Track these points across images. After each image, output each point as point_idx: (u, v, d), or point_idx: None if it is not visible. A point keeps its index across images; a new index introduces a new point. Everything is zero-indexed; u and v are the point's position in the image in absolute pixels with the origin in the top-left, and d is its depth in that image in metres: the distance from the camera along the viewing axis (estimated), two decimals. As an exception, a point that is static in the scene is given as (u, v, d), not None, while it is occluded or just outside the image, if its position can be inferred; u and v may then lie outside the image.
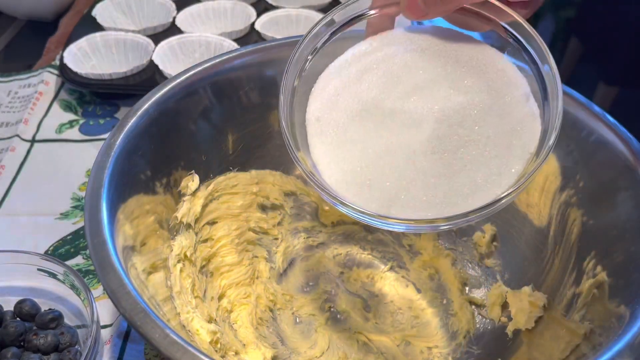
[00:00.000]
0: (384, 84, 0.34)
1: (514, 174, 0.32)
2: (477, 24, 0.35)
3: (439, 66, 0.35)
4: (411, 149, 0.33)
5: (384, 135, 0.33)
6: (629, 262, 0.38)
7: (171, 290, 0.41)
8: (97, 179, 0.38)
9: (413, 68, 0.35)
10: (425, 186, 0.32)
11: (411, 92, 0.34)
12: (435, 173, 0.32)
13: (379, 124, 0.34)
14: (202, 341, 0.40)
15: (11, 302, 0.45)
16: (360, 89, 0.35)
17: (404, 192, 0.32)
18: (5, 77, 0.74)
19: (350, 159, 0.34)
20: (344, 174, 0.33)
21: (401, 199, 0.32)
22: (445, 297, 0.51)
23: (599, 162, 0.43)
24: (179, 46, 0.72)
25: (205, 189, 0.48)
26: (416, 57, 0.35)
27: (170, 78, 0.46)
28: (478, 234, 0.51)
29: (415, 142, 0.33)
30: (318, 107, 0.36)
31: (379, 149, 0.33)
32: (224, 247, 0.50)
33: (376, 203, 0.32)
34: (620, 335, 0.33)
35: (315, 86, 0.36)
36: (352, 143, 0.34)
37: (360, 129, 0.34)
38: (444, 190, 0.32)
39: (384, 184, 0.32)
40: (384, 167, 0.33)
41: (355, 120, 0.34)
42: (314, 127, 0.35)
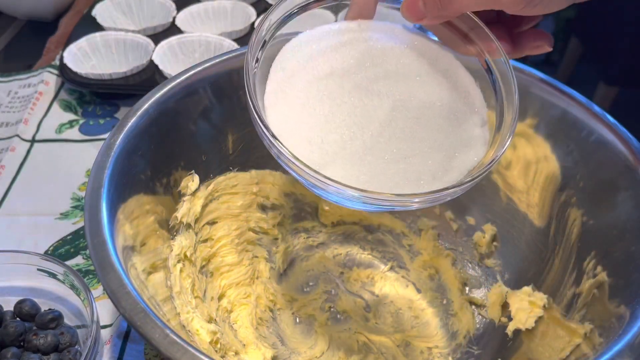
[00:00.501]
0: (358, 61, 0.35)
1: (445, 183, 0.33)
2: (461, 45, 0.36)
3: (415, 63, 0.35)
4: (361, 124, 0.33)
5: (340, 103, 0.34)
6: (629, 262, 0.38)
7: (171, 290, 0.41)
8: (97, 179, 0.38)
9: (390, 56, 0.35)
10: (361, 161, 0.32)
11: (381, 76, 0.34)
12: (375, 153, 0.33)
13: (340, 91, 0.34)
14: (202, 341, 0.40)
15: (11, 302, 0.45)
16: (335, 57, 0.35)
17: (341, 160, 0.32)
18: (5, 77, 0.74)
19: (300, 112, 0.34)
20: (289, 124, 0.33)
21: (335, 164, 0.32)
22: (446, 297, 0.51)
23: (599, 162, 0.43)
24: (179, 46, 0.72)
25: (205, 189, 0.48)
26: (396, 48, 0.36)
27: (170, 78, 0.46)
28: (478, 234, 0.51)
29: (368, 119, 0.33)
30: (287, 59, 0.35)
31: (331, 114, 0.33)
32: (224, 247, 0.50)
33: (311, 160, 0.32)
34: (621, 335, 0.33)
35: (291, 42, 0.36)
36: (307, 99, 0.34)
37: (321, 89, 0.34)
38: (377, 171, 0.32)
39: (324, 145, 0.33)
40: (330, 130, 0.33)
41: (320, 81, 0.34)
42: (277, 74, 0.35)
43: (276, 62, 0.35)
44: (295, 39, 0.36)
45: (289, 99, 0.34)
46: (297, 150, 0.32)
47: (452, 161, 0.33)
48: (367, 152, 0.33)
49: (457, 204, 0.53)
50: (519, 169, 0.48)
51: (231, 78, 0.47)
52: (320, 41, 0.36)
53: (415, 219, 0.54)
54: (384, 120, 0.33)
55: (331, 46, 0.36)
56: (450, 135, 0.34)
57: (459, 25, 0.35)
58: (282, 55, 0.36)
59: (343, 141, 0.33)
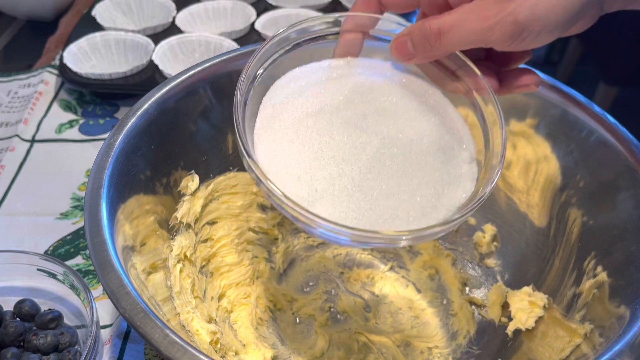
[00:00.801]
0: (347, 98, 0.35)
1: (434, 220, 0.33)
2: (449, 82, 0.36)
3: (404, 100, 0.36)
4: (350, 160, 0.33)
5: (329, 140, 0.34)
6: (629, 262, 0.38)
7: (171, 290, 0.41)
8: (97, 179, 0.38)
9: (379, 93, 0.36)
10: (349, 198, 0.33)
11: (370, 113, 0.35)
12: (364, 190, 0.33)
13: (329, 128, 0.34)
14: (202, 341, 0.40)
15: (11, 302, 0.45)
16: (324, 93, 0.35)
17: (329, 197, 0.33)
18: (5, 76, 0.74)
19: (289, 149, 0.34)
20: (279, 161, 0.34)
21: (324, 200, 0.33)
22: (446, 298, 0.51)
23: (599, 162, 0.43)
24: (179, 46, 0.72)
25: (205, 189, 0.48)
26: (385, 85, 0.36)
27: (170, 78, 0.46)
28: (478, 234, 0.51)
29: (356, 156, 0.34)
30: (277, 95, 0.36)
31: (320, 150, 0.34)
32: (223, 247, 0.50)
33: (300, 196, 0.32)
34: (621, 335, 0.33)
35: (281, 79, 0.37)
36: (296, 135, 0.34)
37: (310, 126, 0.34)
38: (365, 208, 0.33)
39: (313, 182, 0.33)
40: (319, 167, 0.33)
41: (309, 117, 0.35)
42: (268, 111, 0.35)
43: (266, 98, 0.36)
44: (285, 75, 0.37)
45: (278, 135, 0.34)
46: (286, 187, 0.32)
47: (441, 198, 0.34)
48: (356, 188, 0.33)
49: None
50: (519, 169, 0.48)
51: (231, 78, 0.47)
52: (310, 78, 0.36)
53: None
54: (372, 157, 0.33)
55: (321, 83, 0.36)
56: (439, 172, 0.34)
57: (447, 64, 0.36)
58: (272, 91, 0.36)
59: (332, 178, 0.33)
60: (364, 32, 0.36)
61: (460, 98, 0.37)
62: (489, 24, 0.30)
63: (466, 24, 0.31)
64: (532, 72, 0.35)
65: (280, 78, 0.36)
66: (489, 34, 0.31)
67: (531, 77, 0.35)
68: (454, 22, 0.31)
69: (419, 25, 0.33)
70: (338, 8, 0.83)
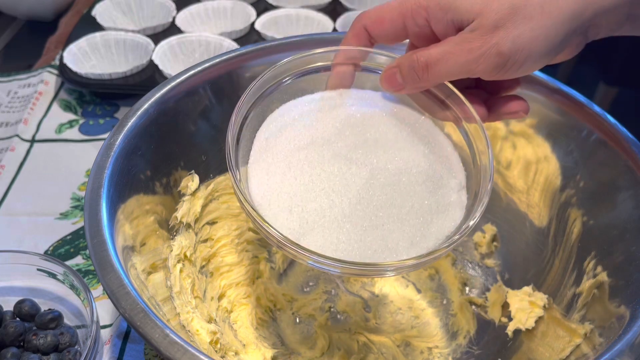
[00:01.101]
0: (338, 130, 0.36)
1: (423, 249, 0.33)
2: (438, 110, 0.37)
3: (394, 130, 0.36)
4: (340, 192, 0.34)
5: (320, 172, 0.35)
6: (629, 262, 0.38)
7: (171, 290, 0.41)
8: (96, 179, 0.38)
9: (369, 124, 0.36)
10: (339, 229, 0.33)
11: (360, 144, 0.35)
12: (353, 221, 0.34)
13: (320, 160, 0.35)
14: (202, 341, 0.40)
15: (11, 302, 0.45)
16: (316, 126, 0.36)
17: (320, 228, 0.33)
18: (5, 76, 0.74)
19: (281, 182, 0.35)
20: (271, 194, 0.34)
21: (315, 232, 0.33)
22: (446, 298, 0.51)
23: (599, 162, 0.43)
24: (179, 46, 0.72)
25: (205, 189, 0.48)
26: (375, 116, 0.37)
27: (170, 78, 0.46)
28: (478, 234, 0.51)
29: (346, 187, 0.34)
30: (271, 129, 0.37)
31: (311, 182, 0.34)
32: (223, 247, 0.50)
33: (291, 229, 0.33)
34: (621, 335, 0.33)
35: (274, 112, 0.38)
36: (288, 168, 0.35)
37: (302, 158, 0.35)
38: (355, 238, 0.33)
39: (304, 214, 0.34)
40: (310, 199, 0.34)
41: (301, 150, 0.35)
42: (261, 144, 0.36)
43: (260, 132, 0.37)
44: (279, 109, 0.37)
45: (272, 169, 0.35)
46: (278, 219, 0.33)
47: (430, 227, 0.34)
48: (346, 219, 0.33)
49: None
50: (519, 169, 0.48)
51: (231, 78, 0.47)
52: (303, 110, 0.37)
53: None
54: (361, 188, 0.34)
55: (313, 115, 0.37)
56: (427, 201, 0.35)
57: (437, 92, 0.37)
58: (266, 125, 0.37)
59: (322, 209, 0.34)
60: (355, 64, 0.38)
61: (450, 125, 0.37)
62: (474, 56, 0.31)
63: (452, 57, 0.32)
64: (521, 99, 0.36)
65: (274, 112, 0.37)
66: (474, 66, 0.32)
67: (519, 104, 0.36)
68: (441, 55, 0.32)
69: (407, 57, 0.34)
70: (338, 8, 0.83)
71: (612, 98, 1.35)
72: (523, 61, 0.31)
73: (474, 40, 0.31)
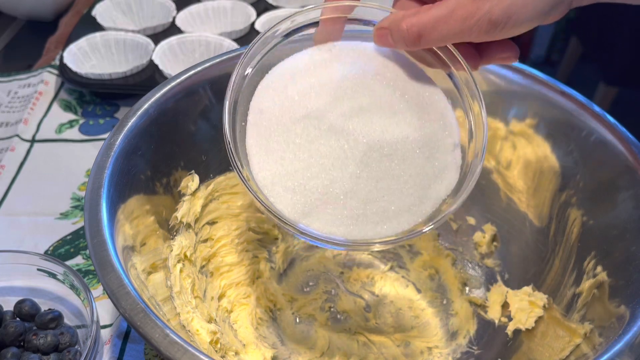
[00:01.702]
0: (333, 98, 0.35)
1: (423, 214, 0.35)
2: (431, 61, 0.37)
3: (386, 94, 0.36)
4: (339, 167, 0.34)
5: (318, 146, 0.35)
6: (629, 262, 0.38)
7: (171, 290, 0.41)
8: (97, 179, 0.38)
9: (362, 90, 0.36)
10: (343, 204, 0.34)
11: (354, 113, 0.35)
12: (355, 195, 0.34)
13: (317, 134, 0.35)
14: (202, 341, 0.40)
15: (11, 302, 0.45)
16: (310, 93, 0.36)
17: (323, 205, 0.34)
18: (5, 76, 0.74)
19: (282, 161, 0.35)
20: (273, 174, 0.35)
21: (319, 210, 0.34)
22: (446, 297, 0.51)
23: (599, 162, 0.43)
24: (179, 46, 0.72)
25: (205, 189, 0.48)
26: (368, 80, 0.36)
27: (170, 78, 0.46)
28: (478, 234, 0.51)
29: (345, 162, 0.34)
30: (264, 100, 0.36)
31: (310, 158, 0.35)
32: (224, 247, 0.50)
33: (295, 209, 0.34)
34: (620, 335, 0.33)
35: (266, 77, 0.37)
36: (287, 145, 0.35)
37: (299, 133, 0.35)
38: (358, 213, 0.34)
39: (307, 193, 0.34)
40: (311, 177, 0.34)
41: (296, 123, 0.35)
42: (256, 116, 0.36)
43: (253, 104, 0.36)
44: (269, 73, 0.37)
45: (270, 146, 0.35)
46: (282, 201, 0.34)
47: (427, 192, 0.35)
48: (348, 194, 0.34)
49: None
50: (519, 169, 0.48)
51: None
52: (294, 74, 0.37)
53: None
54: (360, 161, 0.34)
55: (304, 80, 0.36)
56: (424, 168, 0.35)
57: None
58: (258, 96, 0.36)
59: (324, 186, 0.34)
60: (343, 17, 0.37)
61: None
62: (467, 25, 0.31)
63: (445, 26, 0.32)
64: (511, 45, 0.36)
65: (264, 78, 0.37)
66: (467, 34, 0.32)
67: (511, 49, 0.36)
68: (433, 24, 0.32)
69: (397, 22, 0.33)
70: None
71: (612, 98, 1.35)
72: (511, 27, 0.32)
73: (466, 6, 0.31)
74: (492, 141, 0.49)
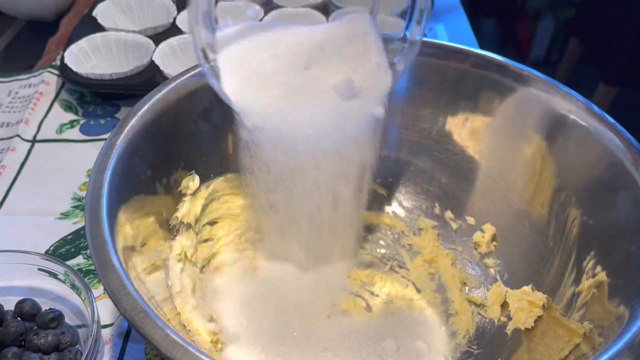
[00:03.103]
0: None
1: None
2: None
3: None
4: (291, 64, 0.42)
5: (272, 49, 0.41)
6: (629, 261, 0.38)
7: (171, 290, 0.41)
8: (97, 179, 0.38)
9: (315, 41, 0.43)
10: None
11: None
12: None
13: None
14: (202, 341, 0.40)
15: (12, 301, 0.45)
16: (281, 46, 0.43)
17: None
18: (5, 77, 0.74)
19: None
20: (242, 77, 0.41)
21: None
22: (445, 297, 0.51)
23: (598, 162, 0.43)
24: (180, 46, 0.72)
25: (206, 189, 0.48)
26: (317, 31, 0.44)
27: (170, 78, 0.46)
28: (478, 234, 0.51)
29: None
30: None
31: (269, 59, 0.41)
32: (224, 247, 0.50)
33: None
34: (620, 335, 0.33)
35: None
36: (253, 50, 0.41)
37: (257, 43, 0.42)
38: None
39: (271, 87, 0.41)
40: (271, 72, 0.41)
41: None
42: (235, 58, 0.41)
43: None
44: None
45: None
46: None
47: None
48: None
49: (457, 204, 0.53)
50: (518, 169, 0.48)
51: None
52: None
53: (415, 218, 0.54)
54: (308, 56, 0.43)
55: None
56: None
57: None
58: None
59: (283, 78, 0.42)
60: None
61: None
62: None
63: None
64: None
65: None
66: None
67: None
68: None
69: None
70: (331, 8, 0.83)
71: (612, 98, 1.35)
72: None
73: None
74: (492, 141, 0.49)
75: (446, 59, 0.49)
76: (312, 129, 0.42)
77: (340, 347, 0.47)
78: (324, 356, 0.46)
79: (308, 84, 0.42)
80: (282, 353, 0.45)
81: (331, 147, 0.42)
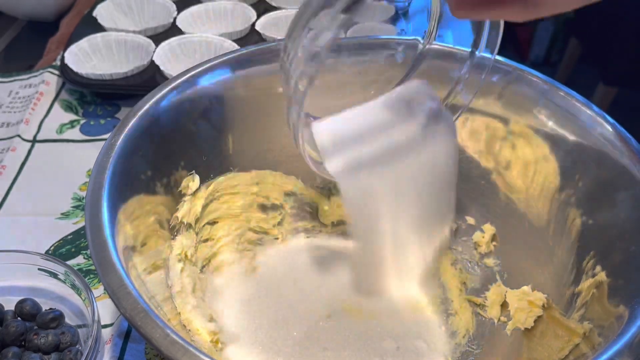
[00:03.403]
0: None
1: None
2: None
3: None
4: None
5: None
6: (628, 261, 0.38)
7: (171, 290, 0.42)
8: (97, 179, 0.38)
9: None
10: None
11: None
12: None
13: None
14: (202, 341, 0.40)
15: (12, 301, 0.45)
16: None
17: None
18: (6, 77, 0.74)
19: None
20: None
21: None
22: (445, 297, 0.51)
23: (598, 162, 0.43)
24: (180, 47, 0.72)
25: (206, 189, 0.48)
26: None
27: (171, 78, 0.46)
28: (478, 234, 0.51)
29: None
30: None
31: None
32: (224, 247, 0.50)
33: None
34: (620, 335, 0.33)
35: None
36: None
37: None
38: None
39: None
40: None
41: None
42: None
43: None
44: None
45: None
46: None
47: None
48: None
49: (457, 204, 0.53)
50: (518, 169, 0.48)
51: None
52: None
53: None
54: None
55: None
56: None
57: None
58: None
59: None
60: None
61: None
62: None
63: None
64: None
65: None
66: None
67: None
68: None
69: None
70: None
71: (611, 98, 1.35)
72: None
73: None
74: (492, 141, 0.49)
75: (446, 59, 0.50)
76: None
77: (340, 347, 0.47)
78: (324, 356, 0.46)
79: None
80: (282, 353, 0.45)
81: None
